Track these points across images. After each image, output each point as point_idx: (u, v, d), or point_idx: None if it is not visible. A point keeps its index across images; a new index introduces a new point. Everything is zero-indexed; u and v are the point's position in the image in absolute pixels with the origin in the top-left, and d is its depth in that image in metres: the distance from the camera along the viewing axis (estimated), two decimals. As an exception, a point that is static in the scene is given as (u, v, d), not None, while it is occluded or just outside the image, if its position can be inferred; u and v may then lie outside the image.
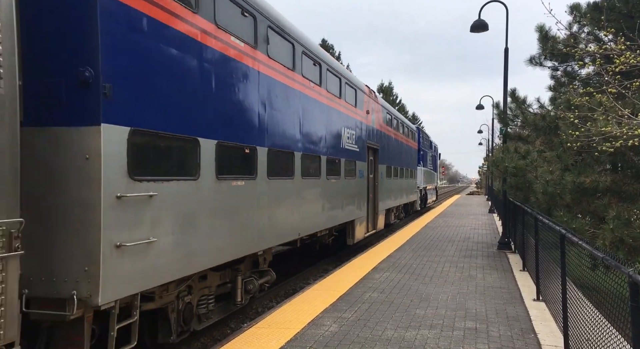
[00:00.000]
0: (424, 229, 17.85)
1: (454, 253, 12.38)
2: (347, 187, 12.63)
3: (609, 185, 8.51)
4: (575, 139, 7.87)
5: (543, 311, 7.05)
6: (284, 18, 8.85)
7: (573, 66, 10.86)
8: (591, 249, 4.29)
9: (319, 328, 6.21)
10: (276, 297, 9.81)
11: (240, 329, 6.32)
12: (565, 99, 9.53)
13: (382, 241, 14.66)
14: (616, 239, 7.38)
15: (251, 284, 7.90)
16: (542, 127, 11.00)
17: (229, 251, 6.73)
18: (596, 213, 8.77)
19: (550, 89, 11.85)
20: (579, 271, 5.10)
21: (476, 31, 13.49)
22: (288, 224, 8.84)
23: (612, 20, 8.94)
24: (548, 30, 10.67)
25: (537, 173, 9.83)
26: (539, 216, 7.88)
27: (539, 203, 10.12)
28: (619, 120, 7.20)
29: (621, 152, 7.79)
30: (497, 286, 8.74)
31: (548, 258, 6.81)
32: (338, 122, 11.75)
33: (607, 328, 3.91)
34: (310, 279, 11.23)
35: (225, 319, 7.97)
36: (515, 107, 12.61)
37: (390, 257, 11.65)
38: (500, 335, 6.00)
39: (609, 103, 7.47)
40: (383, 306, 7.27)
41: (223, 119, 6.58)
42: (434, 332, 6.10)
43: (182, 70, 5.66)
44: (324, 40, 42.51)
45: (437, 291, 8.28)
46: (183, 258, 5.60)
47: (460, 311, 7.07)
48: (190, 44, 5.81)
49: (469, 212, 27.15)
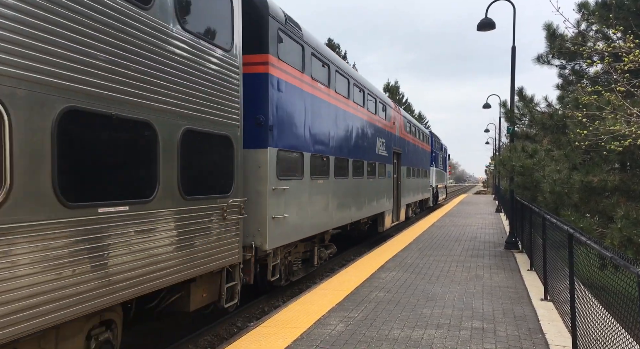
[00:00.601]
0: (431, 228, 17.81)
1: (461, 253, 12.34)
2: (380, 185, 15.81)
3: (617, 184, 8.45)
4: (583, 137, 7.82)
5: (551, 311, 7.01)
6: (345, 64, 12.89)
7: (581, 64, 10.80)
8: (600, 248, 4.26)
9: (325, 328, 6.21)
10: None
11: (247, 328, 6.33)
12: (573, 97, 9.47)
13: (389, 240, 14.64)
14: (624, 238, 7.33)
15: (322, 253, 11.18)
16: (550, 126, 10.94)
17: (314, 228, 9.97)
18: (604, 212, 8.71)
19: (558, 87, 11.79)
20: (587, 271, 5.06)
21: (483, 30, 13.41)
22: (344, 212, 11.92)
23: (621, 18, 8.87)
24: (556, 28, 10.62)
25: (544, 172, 9.78)
26: (546, 215, 7.83)
27: (546, 202, 10.07)
28: (628, 119, 7.15)
29: (630, 151, 7.73)
30: (504, 285, 8.70)
31: (556, 258, 6.76)
32: (375, 134, 15.26)
33: (616, 328, 3.88)
34: (316, 278, 11.24)
35: (232, 318, 8.01)
36: (523, 106, 12.54)
37: (396, 256, 11.63)
38: (508, 335, 5.98)
39: (618, 102, 7.41)
40: (389, 306, 7.26)
41: (313, 138, 9.84)
42: (440, 332, 6.08)
43: (297, 110, 8.99)
44: (329, 40, 42.50)
45: (443, 290, 8.26)
46: (297, 228, 8.96)
47: (467, 310, 7.04)
48: (300, 93, 9.11)
49: (476, 212, 27.05)
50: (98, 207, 4.41)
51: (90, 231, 4.33)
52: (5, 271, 3.59)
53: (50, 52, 3.95)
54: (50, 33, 3.96)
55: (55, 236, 4.00)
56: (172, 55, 5.46)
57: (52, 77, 3.98)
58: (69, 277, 4.11)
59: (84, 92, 4.28)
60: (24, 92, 3.76)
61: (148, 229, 5.05)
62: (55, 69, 4.00)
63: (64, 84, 4.09)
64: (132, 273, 4.80)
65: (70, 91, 4.15)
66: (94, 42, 4.39)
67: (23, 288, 3.72)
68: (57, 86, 4.02)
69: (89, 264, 4.31)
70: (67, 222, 4.10)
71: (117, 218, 4.62)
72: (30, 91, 3.81)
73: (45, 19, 3.92)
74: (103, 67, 4.48)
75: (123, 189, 4.75)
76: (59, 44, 4.03)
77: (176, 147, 5.51)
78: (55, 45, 4.00)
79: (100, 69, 4.45)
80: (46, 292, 3.90)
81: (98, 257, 4.41)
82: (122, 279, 4.68)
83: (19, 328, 3.69)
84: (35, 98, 3.84)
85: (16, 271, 3.67)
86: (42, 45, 3.89)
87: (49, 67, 3.94)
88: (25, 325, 3.74)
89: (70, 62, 4.15)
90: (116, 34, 4.65)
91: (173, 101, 5.48)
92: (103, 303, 4.48)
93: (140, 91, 4.95)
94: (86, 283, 4.28)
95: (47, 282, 3.91)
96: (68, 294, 4.10)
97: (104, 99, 4.50)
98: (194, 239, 5.86)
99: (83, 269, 4.25)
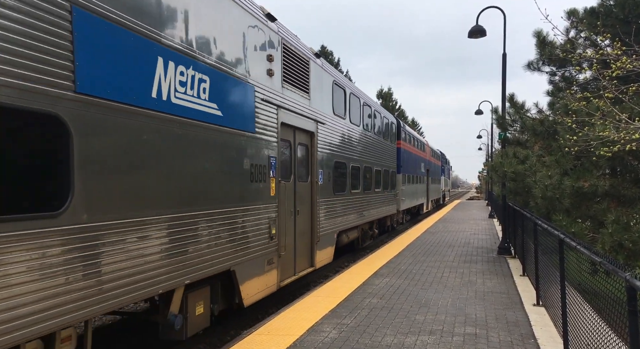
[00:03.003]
0: (424, 235, 17.84)
1: (454, 258, 12.37)
2: (423, 187, 29.74)
3: (607, 189, 8.51)
4: (574, 143, 7.89)
5: (543, 316, 7.04)
6: (417, 136, 28.87)
7: (571, 71, 10.90)
8: (589, 253, 4.29)
9: (318, 334, 6.19)
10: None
11: (240, 336, 6.30)
12: (563, 103, 9.55)
13: (382, 247, 14.65)
14: (615, 243, 7.38)
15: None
16: (541, 132, 11.03)
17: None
18: (595, 217, 8.77)
19: (549, 94, 11.88)
20: (579, 276, 5.09)
21: (474, 37, 13.53)
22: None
23: (609, 25, 8.98)
24: (545, 35, 10.71)
25: (536, 178, 9.84)
26: (538, 220, 7.88)
27: (538, 208, 10.12)
28: (617, 124, 7.22)
29: (620, 156, 7.80)
30: (497, 291, 8.73)
31: (548, 263, 6.80)
32: (420, 159, 28.50)
33: (607, 332, 3.91)
34: (310, 285, 11.21)
35: (224, 326, 7.96)
36: (514, 112, 12.63)
37: (390, 262, 11.64)
38: (500, 341, 5.99)
39: (607, 108, 7.49)
40: (383, 312, 7.26)
41: (409, 168, 24.59)
42: (433, 338, 6.08)
43: (406, 154, 23.24)
44: (323, 47, 42.65)
45: (436, 296, 8.27)
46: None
47: (460, 316, 7.06)
48: (408, 153, 24.13)
49: (469, 217, 27.14)
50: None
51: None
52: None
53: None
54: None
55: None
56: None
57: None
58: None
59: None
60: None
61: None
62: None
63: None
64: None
65: None
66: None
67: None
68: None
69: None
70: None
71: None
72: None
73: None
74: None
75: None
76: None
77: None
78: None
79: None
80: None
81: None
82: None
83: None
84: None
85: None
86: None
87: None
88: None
89: None
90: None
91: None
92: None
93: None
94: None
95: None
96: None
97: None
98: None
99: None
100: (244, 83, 7.27)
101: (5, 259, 3.65)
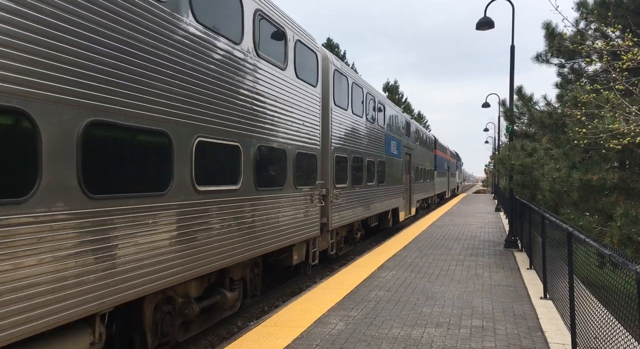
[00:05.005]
0: (430, 228, 17.82)
1: (460, 252, 12.35)
2: (449, 181, 42.38)
3: (616, 182, 8.45)
4: (582, 136, 7.82)
5: (550, 309, 7.03)
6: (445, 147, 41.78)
7: (580, 63, 10.80)
8: (598, 246, 4.27)
9: (325, 326, 6.22)
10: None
11: (247, 328, 6.33)
12: (572, 96, 9.46)
13: (388, 240, 14.65)
14: (624, 236, 7.34)
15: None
16: (549, 124, 10.95)
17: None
18: (603, 211, 8.72)
19: (557, 86, 11.79)
20: (587, 269, 5.07)
21: (482, 29, 13.43)
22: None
23: (620, 16, 8.88)
24: (555, 27, 10.61)
25: (543, 171, 9.79)
26: (545, 214, 7.84)
27: (545, 201, 10.08)
28: (627, 117, 7.15)
29: (629, 149, 7.73)
30: (503, 284, 8.71)
31: (555, 256, 6.77)
32: (445, 160, 37.41)
33: (615, 325, 3.89)
34: (316, 278, 11.25)
35: (232, 317, 8.01)
36: (522, 105, 12.55)
37: (396, 256, 11.64)
38: (507, 333, 5.99)
39: (617, 100, 7.42)
40: (389, 305, 7.27)
41: (438, 165, 34.47)
42: (440, 330, 6.09)
43: (438, 158, 34.02)
44: (329, 40, 42.45)
45: (443, 289, 8.27)
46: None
47: (466, 309, 7.05)
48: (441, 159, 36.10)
49: (476, 211, 27.07)
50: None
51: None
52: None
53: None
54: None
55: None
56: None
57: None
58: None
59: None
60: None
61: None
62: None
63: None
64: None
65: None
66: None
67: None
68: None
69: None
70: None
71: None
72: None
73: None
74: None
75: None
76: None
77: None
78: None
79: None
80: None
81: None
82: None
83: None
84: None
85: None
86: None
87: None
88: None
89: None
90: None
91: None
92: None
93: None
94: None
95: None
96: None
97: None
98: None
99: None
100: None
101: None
